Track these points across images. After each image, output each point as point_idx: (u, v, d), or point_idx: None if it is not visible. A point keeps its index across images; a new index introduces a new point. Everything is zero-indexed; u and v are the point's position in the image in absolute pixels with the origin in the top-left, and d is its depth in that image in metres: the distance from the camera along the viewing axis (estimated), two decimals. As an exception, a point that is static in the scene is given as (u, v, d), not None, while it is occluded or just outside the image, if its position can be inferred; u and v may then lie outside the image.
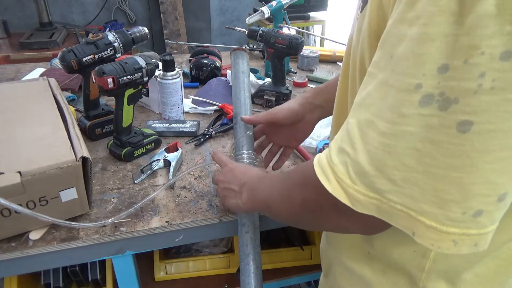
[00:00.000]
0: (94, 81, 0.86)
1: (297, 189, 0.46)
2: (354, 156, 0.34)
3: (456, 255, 0.43)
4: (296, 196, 0.46)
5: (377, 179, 0.33)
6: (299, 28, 1.96)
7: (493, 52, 0.26)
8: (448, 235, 0.31)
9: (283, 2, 1.39)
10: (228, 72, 1.34)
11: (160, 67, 1.12)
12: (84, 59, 0.94)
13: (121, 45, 0.99)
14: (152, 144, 0.99)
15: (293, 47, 1.17)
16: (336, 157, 0.36)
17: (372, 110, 0.33)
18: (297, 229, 1.26)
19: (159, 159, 0.92)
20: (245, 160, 0.78)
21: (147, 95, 1.22)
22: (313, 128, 0.81)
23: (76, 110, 1.17)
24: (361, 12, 0.42)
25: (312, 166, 0.39)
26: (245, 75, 0.88)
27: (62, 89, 1.10)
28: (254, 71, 1.50)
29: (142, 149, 0.97)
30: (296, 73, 1.57)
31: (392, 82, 0.31)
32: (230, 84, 1.31)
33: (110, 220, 0.73)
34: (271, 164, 0.89)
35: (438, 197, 0.31)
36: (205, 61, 1.40)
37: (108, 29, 2.65)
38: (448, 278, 0.46)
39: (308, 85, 1.48)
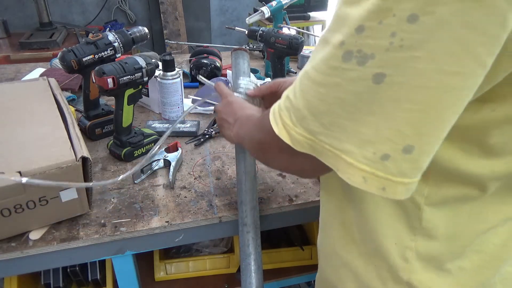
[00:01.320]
0: (94, 81, 0.86)
1: (256, 131, 0.53)
2: (295, 103, 0.39)
3: (435, 244, 0.47)
4: (255, 136, 0.53)
5: (312, 123, 0.38)
6: (299, 28, 1.96)
7: (402, 15, 0.30)
8: (360, 171, 0.36)
9: (283, 2, 1.39)
10: (228, 72, 1.34)
11: (160, 67, 1.12)
12: (84, 59, 0.94)
13: (121, 45, 0.99)
14: (152, 144, 0.99)
15: (293, 47, 1.17)
16: (282, 104, 0.41)
17: (312, 62, 0.38)
18: (297, 229, 1.26)
19: (159, 159, 0.92)
20: (241, 89, 0.80)
21: (147, 95, 1.22)
22: None
23: (76, 110, 1.17)
24: None
25: (268, 114, 0.45)
26: (246, 75, 0.88)
27: (62, 89, 1.10)
28: (254, 71, 1.50)
29: (142, 149, 0.97)
30: (296, 73, 1.57)
31: (327, 38, 0.36)
32: (230, 84, 1.31)
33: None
34: None
35: (357, 138, 0.35)
36: (205, 61, 1.40)
37: (108, 29, 2.65)
38: (432, 269, 0.48)
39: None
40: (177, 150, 0.95)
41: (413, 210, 0.46)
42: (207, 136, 1.07)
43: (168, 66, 1.09)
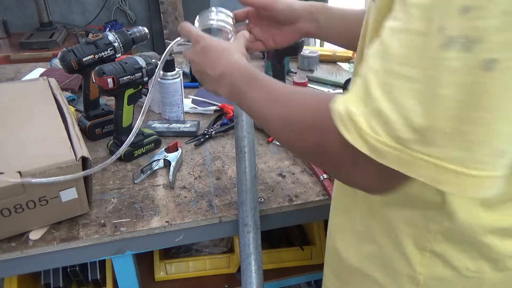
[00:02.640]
0: (94, 81, 0.86)
1: (310, 131, 0.43)
2: (376, 105, 0.33)
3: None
4: (309, 137, 0.43)
5: (402, 128, 0.32)
6: (299, 28, 1.96)
7: None
8: (474, 179, 0.31)
9: (283, 2, 1.39)
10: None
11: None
12: (84, 59, 0.94)
13: (121, 45, 0.98)
14: (152, 144, 0.99)
15: (293, 47, 1.17)
16: (354, 107, 0.35)
17: (392, 57, 0.32)
18: (297, 229, 1.26)
19: (159, 159, 0.92)
20: (213, 22, 0.69)
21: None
22: (297, 39, 0.75)
23: (76, 110, 1.17)
24: (373, 1, 0.43)
25: (329, 113, 0.38)
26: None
27: (62, 89, 1.10)
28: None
29: (142, 149, 0.97)
30: (296, 73, 1.57)
31: (414, 28, 0.31)
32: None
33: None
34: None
35: (463, 140, 0.31)
36: (205, 61, 1.40)
37: (108, 29, 2.65)
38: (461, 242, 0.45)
39: (309, 85, 1.48)
40: (177, 150, 0.95)
41: None
42: (207, 136, 1.07)
43: (168, 66, 1.09)
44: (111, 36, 0.97)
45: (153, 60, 0.92)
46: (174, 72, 1.10)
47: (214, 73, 0.58)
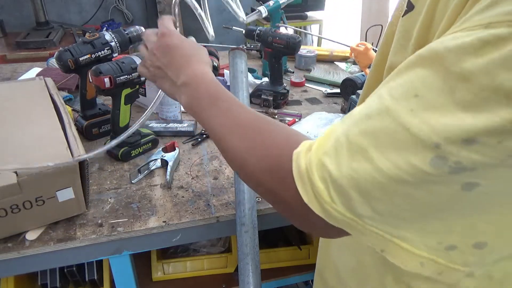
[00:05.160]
0: (91, 80, 0.86)
1: (267, 175, 0.41)
2: (338, 177, 0.32)
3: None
4: (265, 180, 0.41)
5: (360, 206, 0.32)
6: (296, 27, 1.96)
7: None
8: (417, 257, 0.33)
9: (280, 2, 1.39)
10: (226, 71, 1.34)
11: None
12: (81, 59, 0.93)
13: (118, 45, 0.98)
14: (149, 144, 0.99)
15: (291, 46, 1.17)
16: (316, 171, 0.34)
17: (372, 138, 0.31)
18: (295, 228, 1.26)
19: (156, 159, 0.92)
20: None
21: (144, 95, 1.21)
22: None
23: (73, 110, 1.16)
24: (403, 16, 0.42)
25: (290, 163, 0.37)
26: (243, 75, 0.87)
27: (59, 89, 1.10)
28: (251, 70, 1.50)
29: (139, 148, 0.97)
30: (293, 72, 1.57)
31: (407, 124, 0.29)
32: (228, 83, 1.30)
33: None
34: None
35: (421, 229, 0.32)
36: (202, 61, 1.39)
37: (105, 28, 2.64)
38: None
39: (306, 84, 1.48)
40: (174, 150, 0.95)
41: None
42: (204, 135, 1.07)
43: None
44: (108, 36, 0.97)
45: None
46: (171, 72, 1.09)
47: (176, 78, 0.54)
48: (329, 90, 1.41)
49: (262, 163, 0.41)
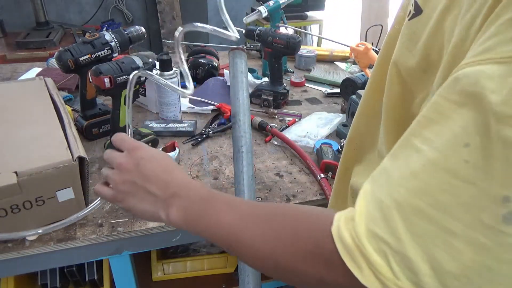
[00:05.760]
0: (91, 80, 0.86)
1: (308, 262, 0.35)
2: (399, 248, 0.29)
3: None
4: (307, 269, 0.36)
5: (431, 280, 0.28)
6: (296, 27, 1.96)
7: None
8: None
9: (280, 2, 1.39)
10: (226, 71, 1.34)
11: (157, 66, 1.12)
12: (81, 59, 0.93)
13: (118, 45, 0.98)
14: (149, 144, 0.99)
15: (291, 46, 1.17)
16: (368, 243, 0.30)
17: (428, 197, 0.28)
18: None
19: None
20: None
21: (144, 95, 1.21)
22: None
23: (73, 110, 1.16)
24: (409, 19, 0.41)
25: (330, 238, 0.33)
26: (243, 75, 0.87)
27: (59, 89, 1.10)
28: (251, 70, 1.50)
29: (139, 149, 0.97)
30: (293, 72, 1.57)
31: (466, 177, 0.27)
32: (228, 83, 1.30)
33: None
34: None
35: None
36: (202, 61, 1.40)
37: (105, 28, 2.64)
38: None
39: (306, 84, 1.48)
40: (174, 149, 0.95)
41: None
42: (204, 135, 1.07)
43: (165, 65, 1.08)
44: (108, 36, 0.97)
45: (150, 60, 0.92)
46: (171, 72, 1.10)
47: (161, 192, 0.48)
48: (329, 90, 1.41)
49: (297, 251, 0.36)
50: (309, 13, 3.01)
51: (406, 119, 0.42)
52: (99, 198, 0.58)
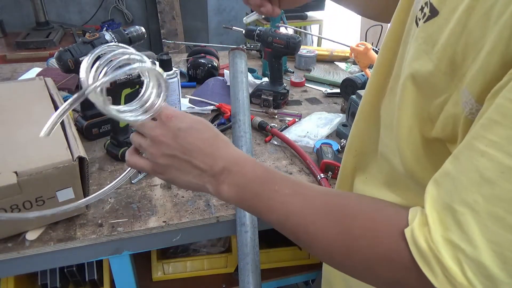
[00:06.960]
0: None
1: (382, 264, 0.36)
2: (475, 255, 0.29)
3: None
4: (381, 270, 0.36)
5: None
6: (296, 27, 1.96)
7: None
8: None
9: (281, 2, 1.39)
10: (226, 71, 1.34)
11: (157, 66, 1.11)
12: (80, 59, 0.93)
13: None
14: (150, 144, 0.99)
15: (291, 46, 1.17)
16: (443, 249, 0.31)
17: (504, 204, 0.28)
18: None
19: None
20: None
21: (144, 95, 1.21)
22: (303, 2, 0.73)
23: (72, 109, 1.16)
24: (425, 22, 0.40)
25: (403, 243, 0.34)
26: (243, 75, 0.88)
27: (59, 89, 1.09)
28: (251, 70, 1.50)
29: (139, 149, 0.97)
30: (293, 72, 1.57)
31: None
32: (228, 83, 1.30)
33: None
34: None
35: None
36: (202, 61, 1.40)
37: (105, 28, 2.64)
38: None
39: (306, 84, 1.48)
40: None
41: None
42: (204, 135, 1.07)
43: (165, 65, 1.08)
44: (108, 36, 0.97)
45: (150, 60, 0.92)
46: (171, 72, 1.10)
47: (207, 166, 0.45)
48: (329, 90, 1.41)
49: (372, 250, 0.37)
50: (309, 13, 3.01)
51: (421, 120, 0.41)
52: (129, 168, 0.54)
